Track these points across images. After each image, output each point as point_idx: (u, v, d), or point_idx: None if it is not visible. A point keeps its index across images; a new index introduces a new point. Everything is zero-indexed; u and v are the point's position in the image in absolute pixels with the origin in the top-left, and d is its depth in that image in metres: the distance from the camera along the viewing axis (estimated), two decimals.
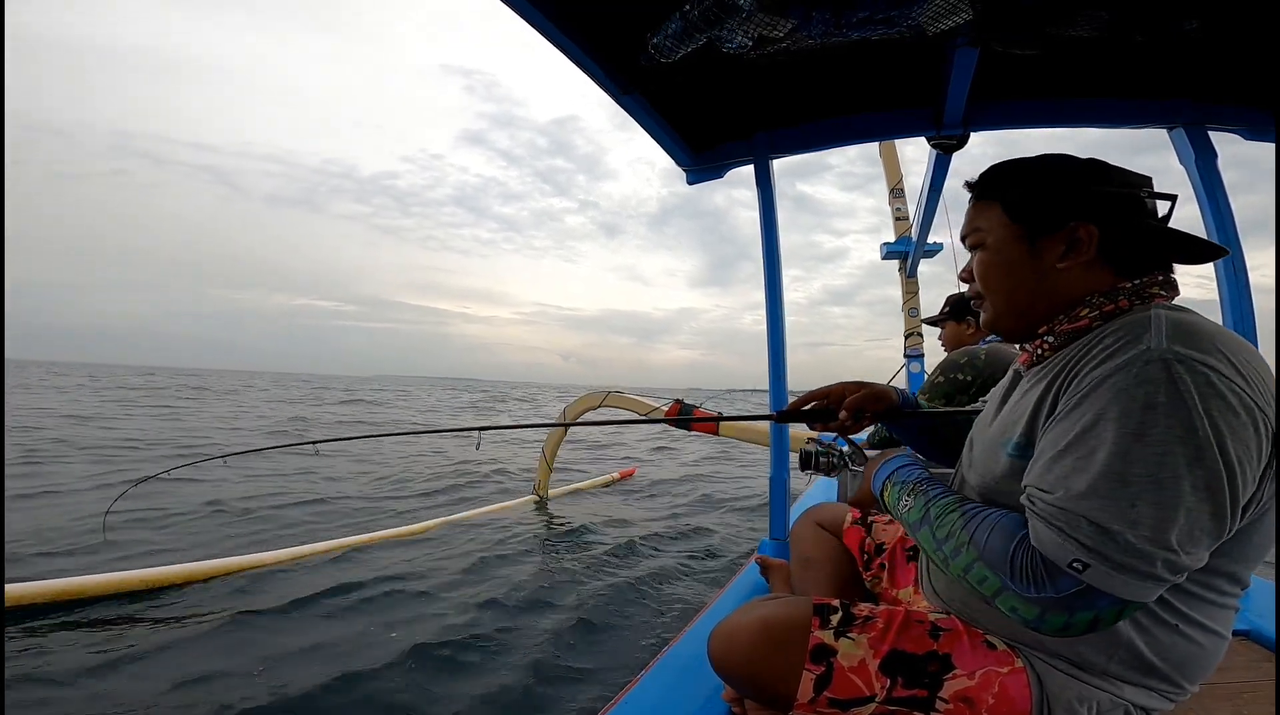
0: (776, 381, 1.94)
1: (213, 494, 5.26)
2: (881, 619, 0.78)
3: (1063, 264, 0.71)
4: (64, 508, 4.71)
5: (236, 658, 2.37)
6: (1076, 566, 0.57)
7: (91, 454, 7.49)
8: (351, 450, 8.63)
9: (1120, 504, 0.56)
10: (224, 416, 14.06)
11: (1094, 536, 0.56)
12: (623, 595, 3.20)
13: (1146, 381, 0.57)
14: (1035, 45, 1.40)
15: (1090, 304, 0.70)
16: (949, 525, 0.69)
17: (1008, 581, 0.61)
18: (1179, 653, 0.65)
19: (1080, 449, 0.59)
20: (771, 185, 2.04)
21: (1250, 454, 0.56)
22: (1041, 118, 1.85)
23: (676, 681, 1.21)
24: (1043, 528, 0.60)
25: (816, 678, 0.75)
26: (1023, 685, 0.70)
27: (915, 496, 0.76)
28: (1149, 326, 0.61)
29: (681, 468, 8.56)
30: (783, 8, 1.22)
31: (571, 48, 1.31)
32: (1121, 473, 0.56)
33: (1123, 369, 0.59)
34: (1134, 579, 0.56)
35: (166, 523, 4.45)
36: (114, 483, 5.69)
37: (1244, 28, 1.36)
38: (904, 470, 0.82)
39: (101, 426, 10.67)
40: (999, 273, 0.76)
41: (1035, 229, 0.73)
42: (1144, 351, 0.58)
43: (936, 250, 5.28)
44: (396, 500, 5.75)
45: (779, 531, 1.93)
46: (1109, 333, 0.65)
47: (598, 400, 5.81)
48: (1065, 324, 0.71)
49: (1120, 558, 0.56)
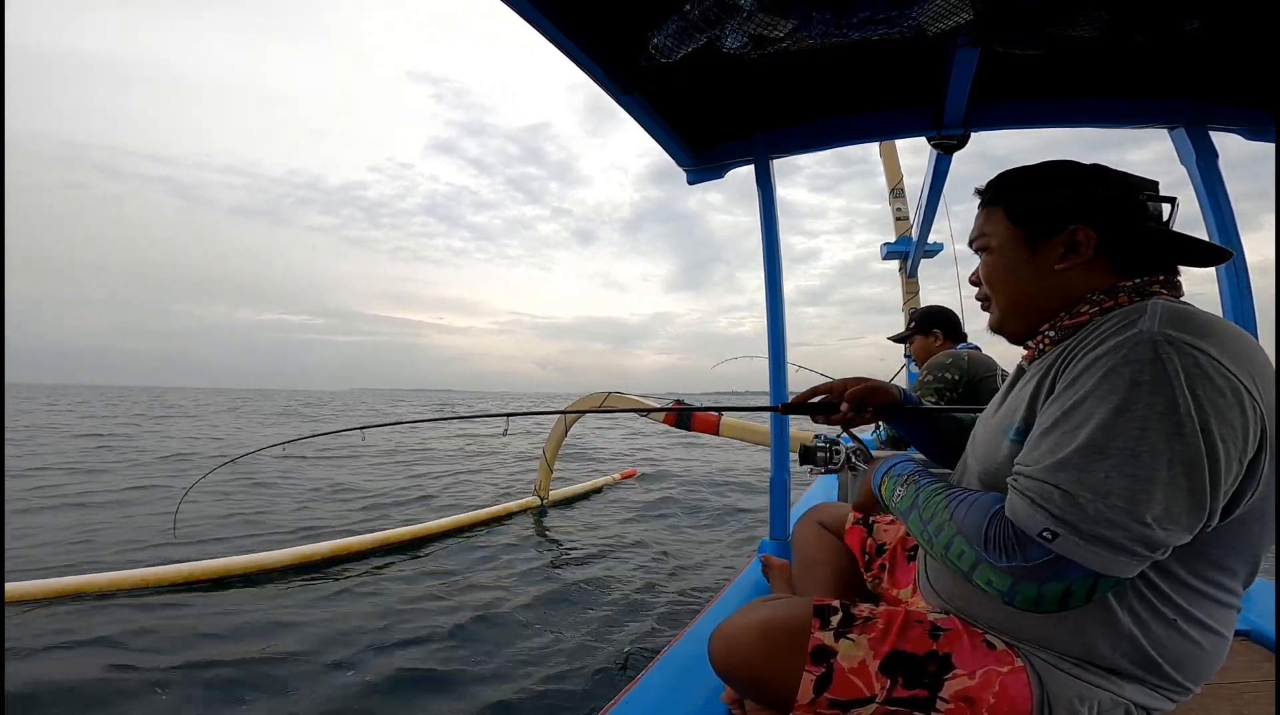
0: (777, 379, 1.94)
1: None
2: (882, 619, 0.78)
3: (1062, 265, 0.74)
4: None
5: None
6: (1046, 536, 0.58)
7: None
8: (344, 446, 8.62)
9: (1095, 475, 0.57)
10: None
11: (1064, 506, 0.58)
12: (622, 595, 3.20)
13: (1134, 360, 0.58)
14: (1036, 45, 1.40)
15: (1091, 301, 0.72)
16: (934, 506, 0.71)
17: (982, 552, 0.63)
18: (1178, 649, 0.65)
19: (1065, 425, 0.61)
20: (772, 185, 2.04)
21: (1236, 436, 0.56)
22: (1042, 118, 1.84)
23: (676, 681, 1.21)
24: (1017, 499, 0.62)
25: (816, 679, 0.75)
26: (1023, 685, 0.70)
27: (907, 486, 0.79)
28: (1144, 312, 0.63)
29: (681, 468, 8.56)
30: (783, 8, 1.22)
31: (571, 47, 1.31)
32: (1101, 445, 0.57)
33: (1113, 350, 0.60)
34: (1105, 550, 0.56)
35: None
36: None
37: (1244, 28, 1.36)
38: (899, 465, 0.85)
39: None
40: (1003, 275, 0.79)
41: (1036, 232, 0.76)
42: (1135, 334, 0.60)
43: (937, 250, 5.28)
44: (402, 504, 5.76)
45: (779, 531, 1.93)
46: (1107, 320, 0.67)
47: (598, 401, 5.81)
48: (1067, 320, 0.73)
49: (1089, 527, 0.57)
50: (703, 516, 5.36)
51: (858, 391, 1.02)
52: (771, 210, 2.05)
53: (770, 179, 2.03)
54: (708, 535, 4.71)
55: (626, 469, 7.67)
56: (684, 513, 5.52)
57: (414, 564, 3.75)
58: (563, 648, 2.54)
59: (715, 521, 5.20)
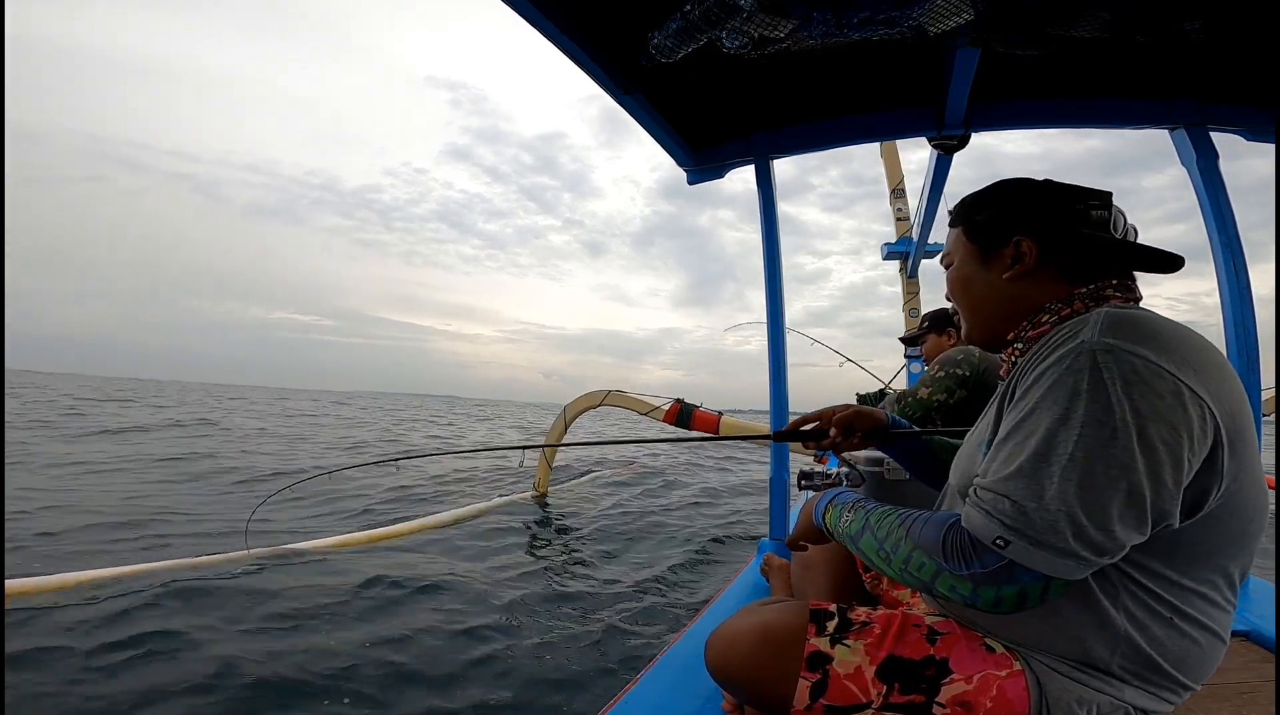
0: (778, 402, 1.93)
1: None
2: (879, 624, 0.78)
3: (1008, 275, 0.78)
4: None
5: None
6: (1000, 543, 0.61)
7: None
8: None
9: (1038, 483, 0.60)
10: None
11: (1013, 514, 0.60)
12: (621, 593, 3.20)
13: (1075, 371, 0.61)
14: (1037, 46, 1.40)
15: (1049, 311, 0.75)
16: (888, 526, 0.74)
17: (941, 562, 0.65)
18: (1177, 647, 0.66)
19: (1016, 436, 0.64)
20: (772, 185, 2.04)
21: (1179, 437, 0.58)
22: (1043, 118, 1.84)
23: (676, 682, 1.21)
24: (972, 510, 0.65)
25: (812, 685, 0.75)
26: (1021, 688, 0.70)
27: (854, 512, 0.81)
28: (1088, 322, 0.65)
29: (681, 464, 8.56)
30: (783, 8, 1.22)
31: (572, 47, 1.31)
32: (1045, 454, 0.60)
33: (1057, 362, 0.63)
34: (1052, 555, 0.59)
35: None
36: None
37: (1245, 28, 1.36)
38: (842, 495, 0.88)
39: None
40: (962, 288, 0.85)
41: (986, 246, 0.81)
42: (1078, 345, 0.62)
43: (937, 250, 5.26)
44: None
45: (779, 531, 1.93)
46: (1057, 331, 0.69)
47: (598, 399, 5.82)
48: (1030, 331, 0.77)
49: (1035, 534, 0.59)
50: (701, 515, 5.37)
51: (845, 416, 1.06)
52: (771, 211, 2.05)
53: (770, 179, 2.03)
54: (707, 534, 4.71)
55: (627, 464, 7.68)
56: (683, 510, 5.52)
57: (410, 558, 3.75)
58: (561, 647, 2.54)
59: (715, 521, 5.20)
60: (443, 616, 2.83)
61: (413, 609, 2.94)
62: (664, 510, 5.60)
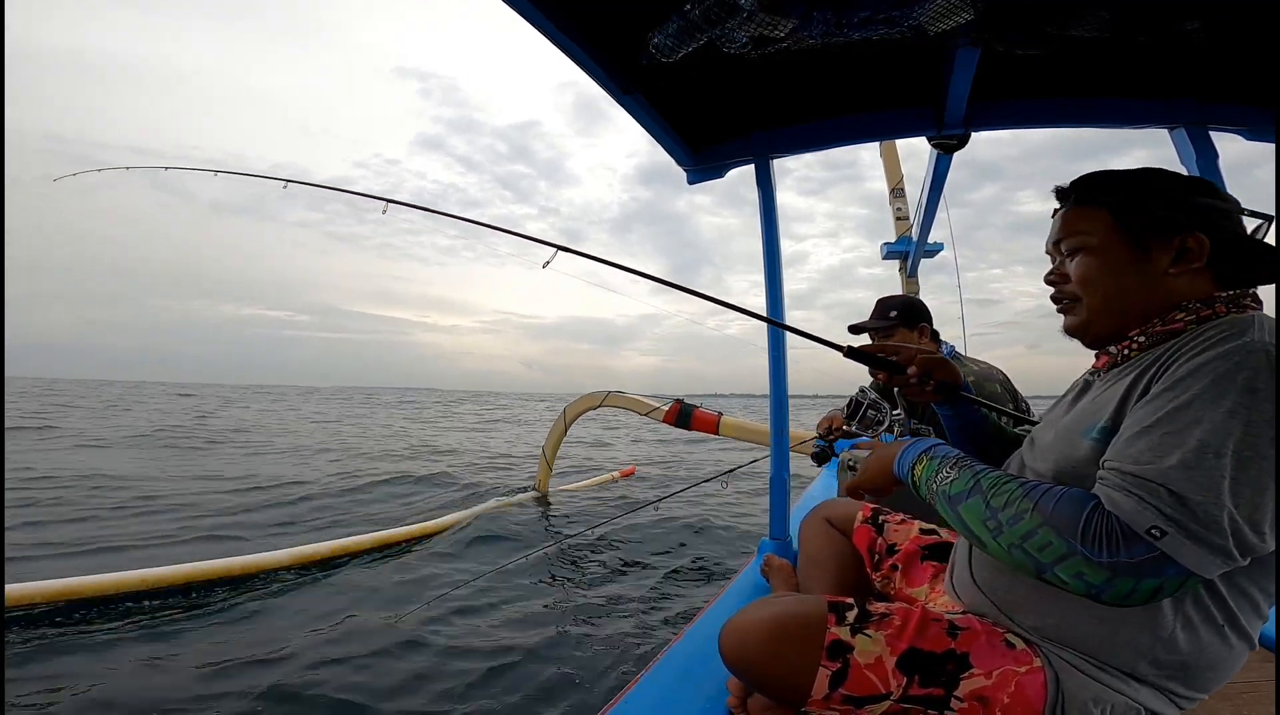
0: (778, 402, 1.92)
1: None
2: (898, 616, 0.78)
3: (1173, 270, 0.73)
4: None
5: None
6: (1154, 533, 0.58)
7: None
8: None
9: (1205, 476, 0.57)
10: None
11: (1173, 505, 0.58)
12: (621, 592, 3.20)
13: (1248, 367, 0.59)
14: (1037, 45, 1.40)
15: (1186, 309, 0.72)
16: (1007, 493, 0.68)
17: (1077, 545, 0.60)
18: (1215, 654, 0.65)
19: (1170, 425, 0.61)
20: (772, 185, 2.04)
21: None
22: (1043, 118, 1.84)
23: (677, 682, 1.21)
24: (1119, 496, 0.61)
25: (832, 674, 0.74)
26: (1039, 685, 0.70)
27: (959, 470, 0.74)
28: (1253, 324, 0.63)
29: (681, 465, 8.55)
30: (784, 8, 1.22)
31: (572, 47, 1.31)
32: (1215, 448, 0.57)
33: (1224, 356, 0.61)
34: (1206, 551, 0.57)
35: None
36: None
37: (1245, 28, 1.36)
38: (941, 446, 0.81)
39: None
40: (1103, 277, 0.77)
41: (1147, 235, 0.74)
42: (1248, 342, 0.61)
43: (937, 250, 5.28)
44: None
45: (779, 531, 1.93)
46: (1210, 328, 0.67)
47: (598, 400, 5.81)
48: (1159, 326, 0.73)
49: (1196, 528, 0.57)
50: (701, 514, 5.36)
51: (929, 359, 0.97)
52: (772, 210, 2.05)
53: (770, 179, 2.03)
54: (706, 533, 4.71)
55: (625, 467, 7.67)
56: (681, 509, 5.52)
57: (412, 559, 3.75)
58: (562, 646, 2.54)
59: (714, 520, 5.19)
60: (437, 615, 2.83)
61: (410, 607, 2.94)
62: (664, 510, 5.59)
